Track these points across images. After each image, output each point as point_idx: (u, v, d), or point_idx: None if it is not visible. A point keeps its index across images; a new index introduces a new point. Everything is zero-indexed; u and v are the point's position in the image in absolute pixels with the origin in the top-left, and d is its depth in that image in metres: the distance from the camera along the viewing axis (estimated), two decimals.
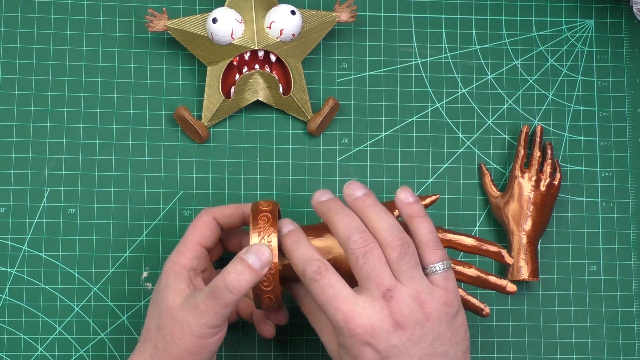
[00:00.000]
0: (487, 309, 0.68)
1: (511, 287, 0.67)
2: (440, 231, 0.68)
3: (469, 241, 0.68)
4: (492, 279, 0.67)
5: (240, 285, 0.62)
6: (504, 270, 0.78)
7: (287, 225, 0.66)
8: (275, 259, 0.64)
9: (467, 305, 0.68)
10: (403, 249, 0.61)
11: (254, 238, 0.65)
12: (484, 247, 0.68)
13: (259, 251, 0.63)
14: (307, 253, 0.63)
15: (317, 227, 0.68)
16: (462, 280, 0.68)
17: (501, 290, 0.67)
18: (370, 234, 0.62)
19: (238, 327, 0.76)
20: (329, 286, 0.61)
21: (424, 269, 0.63)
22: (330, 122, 0.79)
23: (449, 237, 0.68)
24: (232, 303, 0.62)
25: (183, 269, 0.66)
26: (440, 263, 0.63)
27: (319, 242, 0.67)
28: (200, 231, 0.68)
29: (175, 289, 0.65)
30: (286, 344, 0.76)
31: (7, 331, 0.74)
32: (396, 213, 0.69)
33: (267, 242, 0.65)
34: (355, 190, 0.65)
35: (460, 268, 0.67)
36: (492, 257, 0.68)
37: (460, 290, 0.67)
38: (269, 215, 0.66)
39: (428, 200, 0.71)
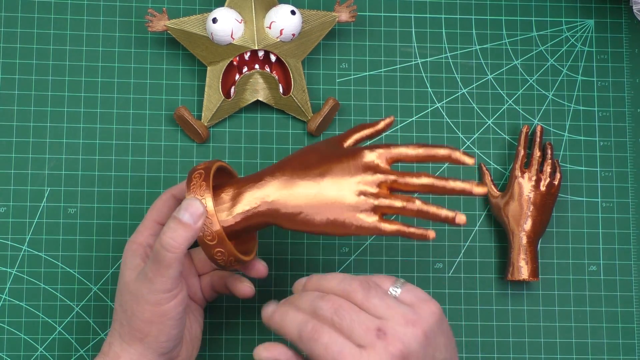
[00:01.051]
0: (432, 233, 0.64)
1: (460, 217, 0.63)
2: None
3: (413, 151, 0.64)
4: (440, 211, 0.63)
5: (175, 242, 0.62)
6: (504, 270, 0.78)
7: (271, 305, 0.64)
8: (210, 208, 0.64)
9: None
10: (364, 285, 0.61)
11: (187, 196, 0.65)
12: (431, 153, 0.64)
13: (189, 205, 0.63)
14: (296, 317, 0.61)
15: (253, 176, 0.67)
16: (409, 215, 0.64)
17: (450, 221, 0.63)
18: (314, 314, 0.60)
19: (238, 327, 0.76)
20: (332, 343, 0.59)
21: None
22: (330, 122, 0.79)
23: (394, 153, 0.64)
24: (173, 262, 0.62)
25: (140, 246, 0.67)
26: (394, 284, 0.62)
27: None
28: (158, 209, 0.69)
29: (130, 265, 0.66)
30: (286, 344, 0.76)
31: (7, 331, 0.74)
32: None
33: (200, 197, 0.64)
34: (299, 283, 0.64)
35: (404, 204, 0.63)
36: (444, 161, 0.64)
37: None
38: (202, 172, 0.66)
39: (382, 124, 0.67)
